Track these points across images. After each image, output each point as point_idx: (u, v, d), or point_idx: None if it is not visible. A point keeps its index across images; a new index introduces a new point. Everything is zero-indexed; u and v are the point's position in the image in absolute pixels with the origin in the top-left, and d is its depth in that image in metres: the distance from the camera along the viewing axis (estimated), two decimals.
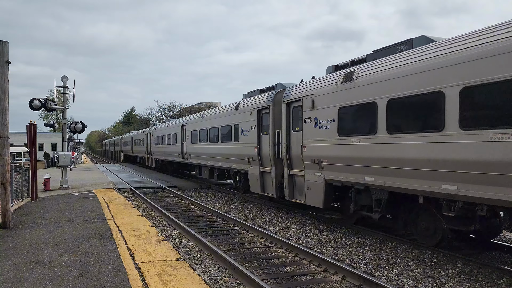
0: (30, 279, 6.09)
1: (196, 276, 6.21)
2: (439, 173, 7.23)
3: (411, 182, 7.84)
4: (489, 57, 6.44)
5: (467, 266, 7.41)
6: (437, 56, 7.38)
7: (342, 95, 9.74)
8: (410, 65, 7.93)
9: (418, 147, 7.66)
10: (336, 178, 10.05)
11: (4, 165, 9.86)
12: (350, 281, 6.69)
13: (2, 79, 9.84)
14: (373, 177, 8.83)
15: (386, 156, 8.37)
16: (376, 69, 8.83)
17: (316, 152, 10.71)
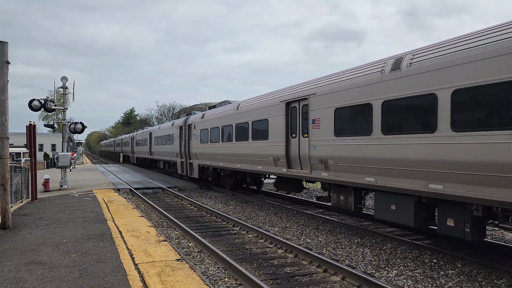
0: (30, 279, 6.09)
1: (196, 277, 6.21)
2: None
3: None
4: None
5: (466, 267, 7.42)
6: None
7: None
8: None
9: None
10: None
11: (4, 166, 9.86)
12: (350, 281, 6.69)
13: (2, 79, 9.84)
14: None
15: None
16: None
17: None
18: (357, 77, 9.38)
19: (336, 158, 9.98)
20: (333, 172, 10.21)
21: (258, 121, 14.24)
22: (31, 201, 15.37)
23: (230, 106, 17.60)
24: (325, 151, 10.49)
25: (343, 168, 9.79)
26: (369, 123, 8.83)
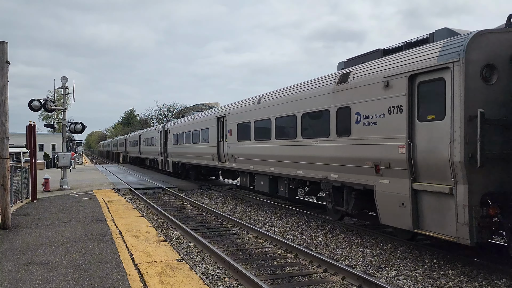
0: (30, 279, 6.09)
1: (196, 277, 6.21)
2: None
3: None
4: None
5: (466, 267, 7.41)
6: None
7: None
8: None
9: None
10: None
11: (4, 166, 9.86)
12: (350, 281, 6.69)
13: (2, 79, 9.84)
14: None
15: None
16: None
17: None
18: (245, 105, 15.61)
19: (239, 155, 15.93)
20: (237, 163, 16.22)
21: (204, 129, 20.17)
22: (31, 201, 15.36)
23: (190, 117, 23.97)
24: (233, 150, 16.42)
25: (256, 161, 14.59)
26: (249, 133, 14.92)
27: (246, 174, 16.08)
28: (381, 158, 8.40)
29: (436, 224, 7.25)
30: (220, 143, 17.93)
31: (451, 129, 6.84)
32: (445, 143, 6.95)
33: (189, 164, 23.75)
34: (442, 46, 7.20)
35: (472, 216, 6.57)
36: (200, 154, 20.73)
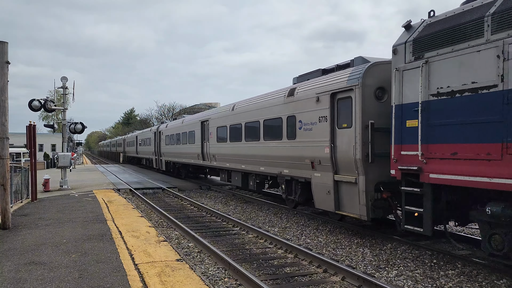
0: (30, 279, 6.09)
1: (196, 277, 6.21)
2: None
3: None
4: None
5: (467, 267, 7.41)
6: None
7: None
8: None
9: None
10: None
11: (4, 166, 9.86)
12: (350, 281, 6.69)
13: (2, 79, 9.84)
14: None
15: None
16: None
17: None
18: (223, 111, 17.99)
19: (221, 154, 17.85)
20: (218, 162, 18.39)
21: (191, 131, 22.29)
22: (31, 201, 15.36)
23: (180, 120, 26.50)
24: (213, 150, 18.70)
25: (224, 159, 17.47)
26: (225, 136, 17.08)
27: (224, 171, 18.42)
28: (315, 156, 10.76)
29: (348, 206, 9.61)
30: (203, 144, 20.25)
31: (355, 135, 9.16)
32: (351, 145, 9.30)
33: (179, 163, 26.18)
34: (350, 73, 9.56)
35: (368, 199, 8.92)
36: (188, 154, 22.98)
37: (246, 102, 15.92)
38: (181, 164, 26.05)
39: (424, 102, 7.43)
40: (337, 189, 9.98)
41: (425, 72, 7.47)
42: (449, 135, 7.03)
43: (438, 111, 7.23)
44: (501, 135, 6.16)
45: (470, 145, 6.67)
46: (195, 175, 26.41)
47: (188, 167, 25.56)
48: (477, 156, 6.52)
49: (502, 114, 6.14)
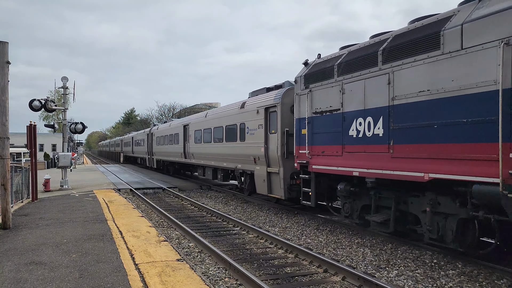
0: (30, 279, 6.09)
1: (196, 277, 6.21)
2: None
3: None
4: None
5: (467, 267, 7.41)
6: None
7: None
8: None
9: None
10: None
11: (4, 166, 9.86)
12: (350, 281, 6.69)
13: (2, 79, 9.84)
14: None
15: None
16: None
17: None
18: (199, 117, 21.84)
19: (198, 153, 21.33)
20: (196, 159, 21.89)
21: (176, 133, 26.00)
22: (31, 201, 15.37)
23: (168, 123, 30.43)
24: (193, 149, 22.22)
25: (201, 157, 20.97)
26: (200, 138, 20.85)
27: (201, 167, 22.05)
28: (256, 154, 14.43)
29: (275, 190, 13.34)
30: (185, 144, 23.88)
31: (278, 138, 12.90)
32: (276, 146, 13.00)
33: (168, 161, 30.16)
34: (275, 94, 13.46)
35: (285, 184, 12.66)
36: (174, 153, 26.66)
37: (215, 111, 20.20)
38: (169, 162, 30.05)
39: (309, 117, 10.98)
40: (269, 178, 13.71)
41: (309, 97, 10.96)
42: (321, 140, 10.53)
43: (316, 124, 10.74)
44: (341, 140, 9.68)
45: (330, 146, 10.14)
46: (181, 171, 29.43)
47: (175, 165, 29.29)
48: (333, 153, 10.02)
49: (342, 127, 9.70)
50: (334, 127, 9.93)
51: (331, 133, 10.07)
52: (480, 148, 6.46)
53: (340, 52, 10.31)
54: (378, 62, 8.60)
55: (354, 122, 9.28)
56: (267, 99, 13.81)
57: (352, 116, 9.36)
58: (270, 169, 13.44)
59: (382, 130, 8.45)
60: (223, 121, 17.81)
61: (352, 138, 9.36)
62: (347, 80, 9.54)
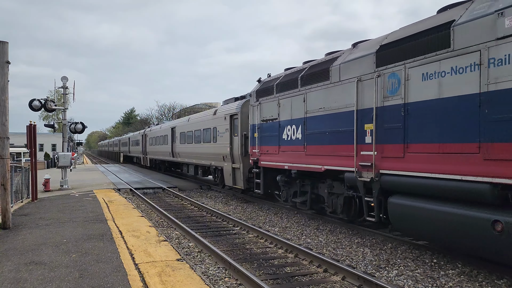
0: (30, 279, 6.09)
1: (196, 277, 6.21)
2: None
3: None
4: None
5: (467, 267, 7.41)
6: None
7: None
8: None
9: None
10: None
11: (4, 166, 9.86)
12: (350, 281, 6.69)
13: (2, 79, 9.84)
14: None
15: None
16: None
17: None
18: (183, 121, 25.49)
19: (183, 152, 24.63)
20: (181, 158, 25.28)
21: (165, 135, 29.52)
22: (31, 201, 15.37)
23: (158, 126, 34.83)
24: (179, 149, 25.58)
25: (185, 156, 24.28)
26: (184, 139, 24.13)
27: (185, 164, 25.62)
28: (224, 153, 17.43)
29: (238, 182, 16.34)
30: (173, 144, 27.22)
31: (239, 140, 15.91)
32: (237, 146, 16.02)
33: (159, 159, 33.80)
34: (237, 105, 16.52)
35: (244, 177, 15.62)
36: (164, 152, 30.10)
37: (196, 116, 23.54)
38: (160, 160, 33.80)
39: (259, 124, 13.87)
40: (233, 172, 16.73)
41: (259, 108, 13.87)
42: (266, 142, 13.47)
43: (263, 129, 13.67)
44: (278, 142, 12.64)
45: (272, 146, 13.09)
46: (171, 169, 32.66)
47: (165, 163, 32.71)
48: (273, 152, 12.95)
49: (278, 132, 12.62)
50: (274, 132, 12.96)
51: (272, 137, 13.12)
52: (348, 148, 9.41)
53: (279, 74, 13.38)
54: (298, 85, 11.60)
55: (286, 128, 12.27)
56: (231, 108, 17.00)
57: (284, 124, 12.36)
58: (234, 165, 16.59)
59: (301, 135, 11.45)
60: (201, 125, 21.15)
61: (284, 140, 12.36)
62: (282, 96, 12.48)
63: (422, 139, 7.51)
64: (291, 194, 12.69)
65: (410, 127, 7.77)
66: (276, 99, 12.77)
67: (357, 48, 9.78)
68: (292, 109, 11.87)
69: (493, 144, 6.25)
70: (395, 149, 8.06)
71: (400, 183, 7.95)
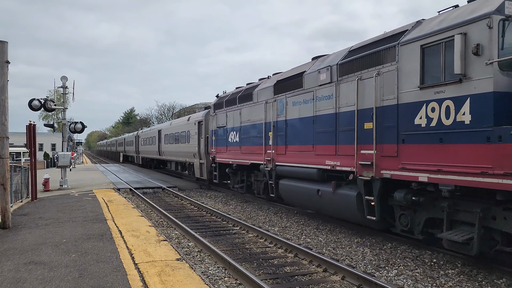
0: (30, 279, 6.09)
1: (196, 277, 6.21)
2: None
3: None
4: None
5: (466, 266, 7.42)
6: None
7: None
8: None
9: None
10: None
11: (4, 166, 9.85)
12: (350, 281, 6.69)
13: (2, 79, 9.83)
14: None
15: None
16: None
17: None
18: (167, 125, 31.50)
19: (167, 151, 29.19)
20: (165, 156, 30.19)
21: (153, 136, 34.51)
22: (31, 200, 15.37)
23: (149, 128, 42.17)
24: (164, 149, 30.16)
25: (168, 154, 29.11)
26: (168, 140, 29.06)
27: (169, 162, 31.15)
28: (194, 151, 21.71)
29: (204, 175, 20.55)
30: (159, 145, 31.88)
31: (204, 141, 20.20)
32: (203, 146, 20.33)
33: (149, 158, 38.84)
34: (203, 114, 20.86)
35: (208, 171, 19.94)
36: (152, 152, 35.33)
37: (176, 121, 29.36)
38: (149, 158, 38.82)
39: (215, 129, 18.09)
40: (201, 167, 20.91)
41: (215, 118, 18.18)
42: (219, 143, 17.59)
43: (217, 133, 17.83)
44: (226, 143, 16.75)
45: (222, 147, 17.19)
46: (160, 166, 37.75)
47: (154, 161, 37.90)
48: (223, 151, 17.09)
49: (226, 136, 16.68)
50: (224, 136, 17.14)
51: (223, 139, 17.26)
52: (260, 148, 13.90)
53: (229, 92, 17.62)
54: (237, 102, 15.90)
55: (231, 134, 16.39)
56: (199, 116, 21.78)
57: (230, 130, 16.55)
58: (201, 161, 20.89)
59: (238, 138, 15.70)
60: (179, 129, 25.61)
61: (230, 142, 16.53)
62: (228, 110, 16.73)
63: (294, 142, 11.76)
64: (237, 181, 16.70)
65: (288, 135, 12.04)
66: (225, 111, 17.07)
67: (267, 80, 14.31)
68: (234, 120, 16.12)
69: (317, 146, 10.63)
70: (282, 149, 12.49)
71: (284, 170, 12.28)
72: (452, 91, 6.74)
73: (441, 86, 6.95)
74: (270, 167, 12.94)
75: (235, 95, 16.14)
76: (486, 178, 6.16)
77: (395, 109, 7.94)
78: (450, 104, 6.77)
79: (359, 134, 8.87)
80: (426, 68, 7.30)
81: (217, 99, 18.66)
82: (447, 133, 6.81)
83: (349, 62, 9.39)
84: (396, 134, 7.89)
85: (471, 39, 6.46)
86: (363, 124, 8.79)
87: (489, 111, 6.16)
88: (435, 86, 7.03)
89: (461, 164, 6.56)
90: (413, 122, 7.49)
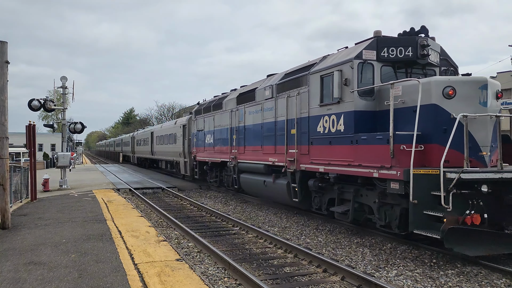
0: (29, 279, 6.08)
1: (196, 277, 6.21)
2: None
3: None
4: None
5: (466, 267, 7.42)
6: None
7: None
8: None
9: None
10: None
11: (3, 166, 9.84)
12: (350, 281, 6.69)
13: (2, 79, 9.82)
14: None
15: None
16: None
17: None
18: (158, 127, 35.35)
19: (158, 151, 32.55)
20: (157, 155, 33.62)
21: (147, 137, 37.74)
22: (30, 201, 15.36)
23: (143, 130, 45.22)
24: (156, 149, 33.64)
25: (159, 153, 32.42)
26: (159, 141, 32.36)
27: (160, 161, 33.78)
28: (180, 151, 24.72)
29: (187, 171, 23.36)
30: (152, 145, 35.16)
31: (187, 142, 23.41)
32: (187, 146, 23.44)
33: (143, 157, 41.96)
34: (187, 118, 24.29)
35: (192, 168, 22.44)
36: (146, 151, 38.55)
37: (165, 124, 33.44)
38: (144, 158, 41.87)
39: (195, 132, 21.26)
40: (185, 164, 23.52)
41: (196, 122, 21.25)
42: (199, 144, 20.66)
43: (197, 136, 20.98)
44: (203, 144, 19.92)
45: (201, 147, 20.35)
46: (153, 165, 40.00)
47: (147, 160, 40.67)
48: (202, 151, 20.20)
49: (204, 138, 19.98)
50: (202, 138, 20.06)
51: (201, 141, 20.14)
52: (227, 148, 16.85)
53: (209, 100, 20.35)
54: (211, 110, 18.74)
55: (207, 136, 19.23)
56: (183, 121, 24.65)
57: (206, 133, 19.30)
58: (185, 159, 23.62)
59: (212, 140, 18.49)
60: (168, 131, 28.58)
61: (206, 143, 19.36)
62: (205, 116, 19.60)
63: (250, 143, 14.52)
64: (213, 176, 19.38)
65: (246, 137, 14.78)
66: (203, 117, 20.04)
67: (234, 92, 17.12)
68: (209, 124, 18.95)
69: (264, 146, 13.36)
70: (241, 149, 15.16)
71: (243, 166, 15.01)
72: (335, 109, 9.59)
73: (330, 105, 9.80)
74: (234, 164, 15.76)
75: (210, 103, 19.17)
76: (351, 168, 9.00)
77: (307, 120, 10.80)
78: (334, 118, 9.62)
79: (288, 137, 11.79)
80: (323, 92, 10.06)
81: (198, 106, 22.01)
82: (333, 138, 9.69)
83: (282, 83, 12.29)
84: (308, 138, 10.75)
85: (343, 74, 9.26)
86: (290, 130, 11.66)
87: (352, 123, 8.98)
88: (327, 105, 9.89)
89: (339, 159, 9.39)
90: (316, 129, 10.38)
